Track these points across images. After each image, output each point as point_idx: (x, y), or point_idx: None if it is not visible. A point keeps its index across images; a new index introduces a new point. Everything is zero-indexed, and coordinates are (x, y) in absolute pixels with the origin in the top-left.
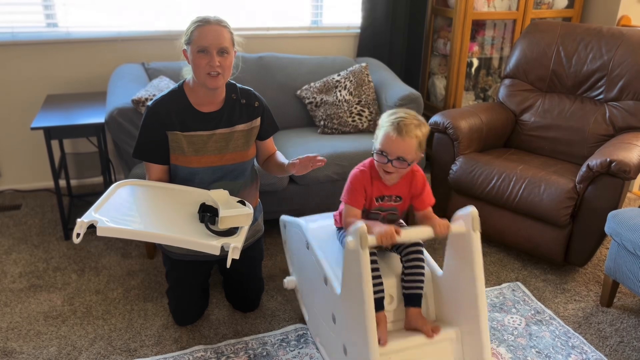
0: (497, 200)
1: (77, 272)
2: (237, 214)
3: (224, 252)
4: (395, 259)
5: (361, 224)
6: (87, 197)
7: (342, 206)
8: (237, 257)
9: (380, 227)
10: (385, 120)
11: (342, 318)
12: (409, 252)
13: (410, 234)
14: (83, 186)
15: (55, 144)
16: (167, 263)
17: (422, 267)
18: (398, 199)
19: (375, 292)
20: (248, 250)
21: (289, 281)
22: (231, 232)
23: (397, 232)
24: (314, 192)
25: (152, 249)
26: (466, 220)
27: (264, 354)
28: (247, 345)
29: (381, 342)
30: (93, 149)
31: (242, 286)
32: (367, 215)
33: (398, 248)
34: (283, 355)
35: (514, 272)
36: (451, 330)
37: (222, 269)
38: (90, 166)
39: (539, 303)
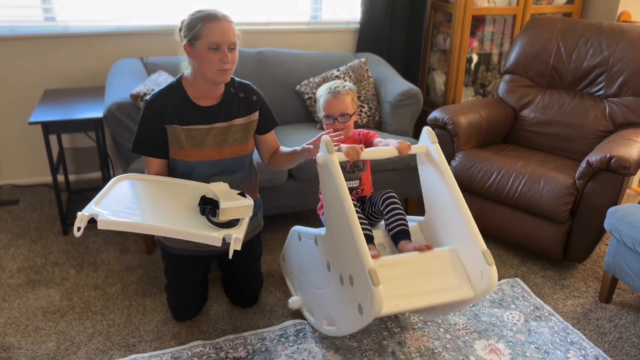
0: (497, 196)
1: (76, 268)
2: (238, 205)
3: (224, 246)
4: (382, 225)
5: (326, 137)
6: (86, 193)
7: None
8: (239, 248)
9: (347, 145)
10: (320, 92)
11: (334, 254)
12: (384, 200)
13: (375, 151)
14: (81, 181)
15: (53, 139)
16: (166, 259)
17: (400, 207)
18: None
19: (363, 230)
20: (247, 245)
21: (293, 301)
22: (232, 224)
23: (362, 149)
24: (313, 188)
25: (150, 245)
26: (423, 138)
27: (263, 349)
28: (246, 340)
29: (374, 256)
30: (91, 144)
31: (241, 282)
32: None
33: (374, 206)
34: (282, 350)
35: (513, 268)
36: (445, 249)
37: (221, 264)
38: (89, 161)
39: (538, 299)
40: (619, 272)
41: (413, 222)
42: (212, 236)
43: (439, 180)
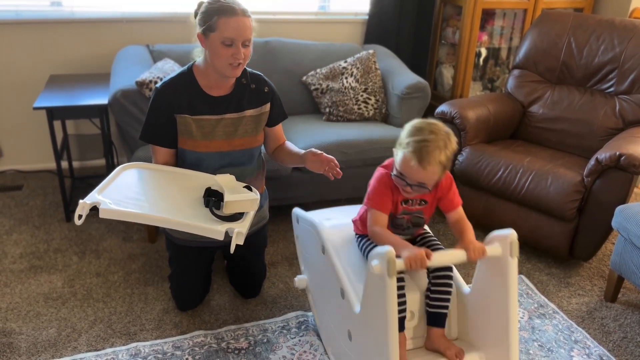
0: (503, 192)
1: (78, 254)
2: (243, 199)
3: (228, 238)
4: (421, 272)
5: (389, 249)
6: (89, 179)
7: (362, 210)
8: (241, 242)
9: (409, 251)
10: (406, 142)
11: (360, 338)
12: (438, 269)
13: (442, 258)
14: (85, 168)
15: (57, 125)
16: (171, 248)
17: (451, 286)
18: (424, 202)
19: (399, 310)
20: (252, 237)
21: (299, 280)
22: (236, 217)
23: (428, 256)
24: (318, 180)
25: (153, 233)
26: (503, 244)
27: (265, 340)
28: (248, 331)
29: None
30: (96, 131)
31: (243, 273)
32: (392, 221)
33: (425, 245)
34: (283, 342)
35: (518, 265)
36: (476, 355)
37: (226, 254)
38: (93, 148)
39: (542, 297)
40: (626, 271)
41: (456, 285)
42: (215, 229)
43: (499, 286)
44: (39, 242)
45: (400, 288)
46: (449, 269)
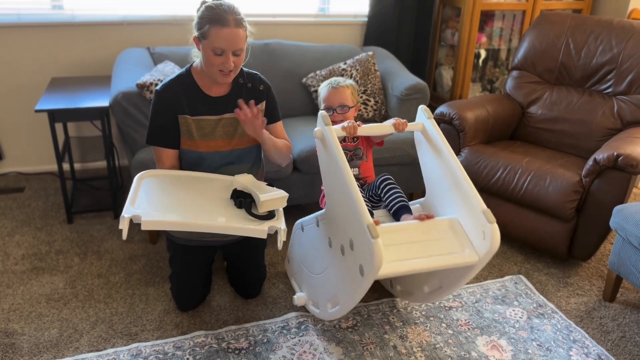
0: (502, 193)
1: (80, 256)
2: (275, 197)
3: (229, 237)
4: (379, 211)
5: (322, 111)
6: (91, 181)
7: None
8: (284, 238)
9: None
10: (322, 86)
11: (333, 223)
12: (380, 183)
13: (372, 128)
14: (86, 170)
15: (59, 127)
16: (172, 248)
17: (397, 187)
18: (355, 139)
19: None
20: (251, 237)
21: (298, 297)
22: (270, 215)
23: (359, 125)
24: (317, 181)
25: (154, 234)
26: (419, 116)
27: (265, 340)
28: (248, 331)
29: (374, 222)
30: (97, 133)
31: (244, 273)
32: None
33: (373, 191)
34: (283, 342)
35: (516, 265)
36: (445, 218)
37: (226, 254)
38: (94, 150)
39: (541, 296)
40: (624, 270)
41: (414, 204)
42: (259, 229)
43: (436, 156)
44: (41, 244)
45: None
46: (389, 178)
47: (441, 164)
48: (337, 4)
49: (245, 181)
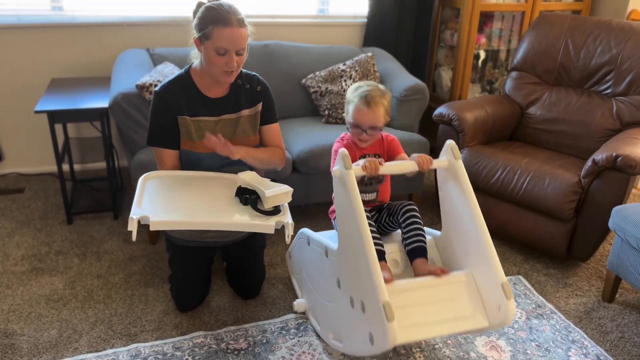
0: (501, 193)
1: (79, 256)
2: (280, 192)
3: (230, 237)
4: (396, 234)
5: (343, 151)
6: (90, 182)
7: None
8: (292, 232)
9: (365, 160)
10: (353, 95)
11: (344, 268)
12: (404, 212)
13: (394, 166)
14: (86, 171)
15: (59, 128)
16: (171, 249)
17: (420, 222)
18: (377, 156)
19: (375, 245)
20: (250, 238)
21: (299, 304)
22: (276, 210)
23: (381, 163)
24: (317, 182)
25: (154, 235)
26: (446, 152)
27: (264, 341)
28: (247, 332)
29: (387, 279)
30: (96, 134)
31: (243, 274)
32: None
33: (392, 216)
34: (283, 342)
35: (515, 266)
36: (461, 273)
37: (225, 255)
38: (94, 151)
39: (540, 297)
40: (623, 271)
41: (428, 236)
42: (266, 225)
43: (459, 199)
44: (41, 245)
45: (372, 232)
46: (413, 209)
47: (463, 210)
48: (336, 5)
49: (248, 178)
